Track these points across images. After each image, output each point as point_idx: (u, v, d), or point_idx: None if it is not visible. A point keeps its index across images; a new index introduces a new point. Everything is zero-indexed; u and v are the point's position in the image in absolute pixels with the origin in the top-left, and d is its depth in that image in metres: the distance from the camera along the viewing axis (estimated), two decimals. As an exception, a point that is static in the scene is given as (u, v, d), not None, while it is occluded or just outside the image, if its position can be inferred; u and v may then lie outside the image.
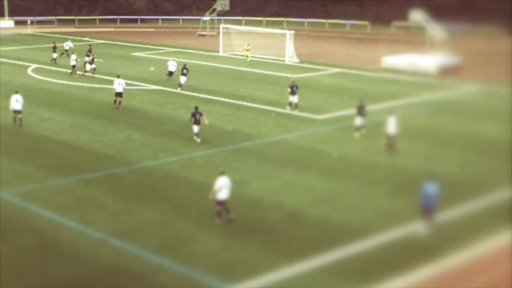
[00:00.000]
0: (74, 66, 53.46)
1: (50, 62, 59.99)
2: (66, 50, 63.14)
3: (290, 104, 41.80)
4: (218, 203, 23.66)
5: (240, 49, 65.60)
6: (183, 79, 48.59)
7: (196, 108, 34.68)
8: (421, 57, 57.99)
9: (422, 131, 37.04)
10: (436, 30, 57.24)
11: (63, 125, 37.68)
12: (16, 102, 37.05)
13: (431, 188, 22.80)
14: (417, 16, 57.85)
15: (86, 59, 54.90)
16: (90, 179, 28.63)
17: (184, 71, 48.77)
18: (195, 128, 34.09)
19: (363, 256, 21.55)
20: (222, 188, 23.52)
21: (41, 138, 34.99)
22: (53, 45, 61.92)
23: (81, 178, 28.73)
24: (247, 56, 63.38)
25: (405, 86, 50.80)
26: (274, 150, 33.22)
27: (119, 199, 26.24)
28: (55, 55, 60.30)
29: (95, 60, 54.70)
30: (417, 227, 23.26)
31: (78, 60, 54.06)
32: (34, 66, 58.65)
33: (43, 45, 73.17)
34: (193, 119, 34.05)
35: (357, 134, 35.59)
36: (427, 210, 22.92)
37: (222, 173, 23.86)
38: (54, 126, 37.39)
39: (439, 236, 22.87)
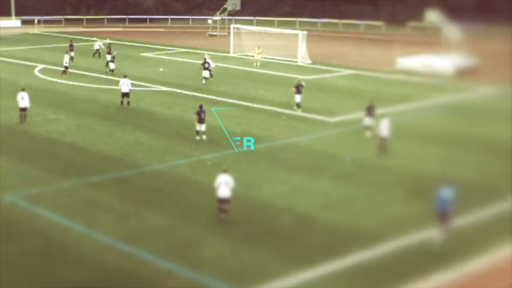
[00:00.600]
0: (66, 67, 53.03)
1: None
2: (97, 50, 63.25)
3: (298, 104, 41.33)
4: (218, 200, 23.74)
5: (252, 52, 64.82)
6: (206, 73, 49.72)
7: (200, 106, 34.69)
8: (436, 58, 57.34)
9: (437, 133, 36.54)
10: (451, 30, 56.57)
11: (70, 126, 37.31)
12: (22, 100, 36.94)
13: (446, 193, 22.35)
14: (433, 16, 57.19)
15: (108, 57, 54.69)
16: (97, 182, 28.30)
17: (206, 65, 49.92)
18: (199, 126, 34.18)
19: (376, 262, 21.13)
20: (222, 185, 23.53)
21: (47, 140, 34.63)
22: (69, 44, 61.84)
23: (88, 181, 28.38)
24: (256, 60, 62.04)
25: (420, 88, 50.21)
26: (285, 153, 32.76)
27: (126, 202, 25.88)
28: (72, 54, 59.54)
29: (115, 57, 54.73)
30: (432, 233, 22.79)
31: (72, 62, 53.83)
32: (41, 66, 58.30)
33: (50, 45, 73.22)
34: (197, 117, 34.15)
35: (368, 133, 35.14)
36: (442, 215, 22.46)
37: (224, 171, 23.94)
38: (61, 127, 37.03)
39: (455, 241, 22.41)
